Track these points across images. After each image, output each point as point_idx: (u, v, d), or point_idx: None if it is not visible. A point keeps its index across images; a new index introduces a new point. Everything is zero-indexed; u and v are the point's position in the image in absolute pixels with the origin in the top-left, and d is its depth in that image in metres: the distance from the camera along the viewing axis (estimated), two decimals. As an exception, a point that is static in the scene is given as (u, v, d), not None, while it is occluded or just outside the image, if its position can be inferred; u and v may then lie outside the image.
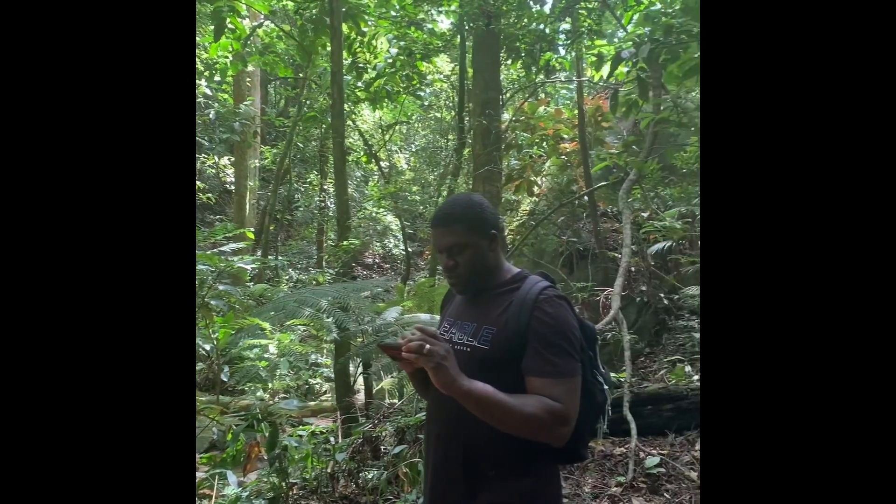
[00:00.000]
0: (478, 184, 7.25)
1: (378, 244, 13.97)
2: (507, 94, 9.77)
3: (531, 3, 6.88)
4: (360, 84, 7.80)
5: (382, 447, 4.23)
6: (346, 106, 7.78)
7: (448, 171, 9.09)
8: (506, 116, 9.52)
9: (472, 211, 1.80)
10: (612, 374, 5.22)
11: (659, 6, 3.78)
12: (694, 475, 3.88)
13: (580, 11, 6.57)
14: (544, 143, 8.96)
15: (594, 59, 7.63)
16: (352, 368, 6.13)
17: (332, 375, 6.99)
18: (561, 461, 1.93)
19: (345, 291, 5.17)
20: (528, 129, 8.95)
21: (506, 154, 8.99)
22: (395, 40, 8.05)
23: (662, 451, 4.20)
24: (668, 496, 3.75)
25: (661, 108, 6.23)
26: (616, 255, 8.20)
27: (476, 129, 7.33)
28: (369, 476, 3.76)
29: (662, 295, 7.59)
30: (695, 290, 7.12)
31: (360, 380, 6.23)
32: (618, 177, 7.40)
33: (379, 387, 6.63)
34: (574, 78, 8.64)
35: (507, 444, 1.65)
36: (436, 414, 1.87)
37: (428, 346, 1.51)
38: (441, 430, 1.82)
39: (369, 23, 8.15)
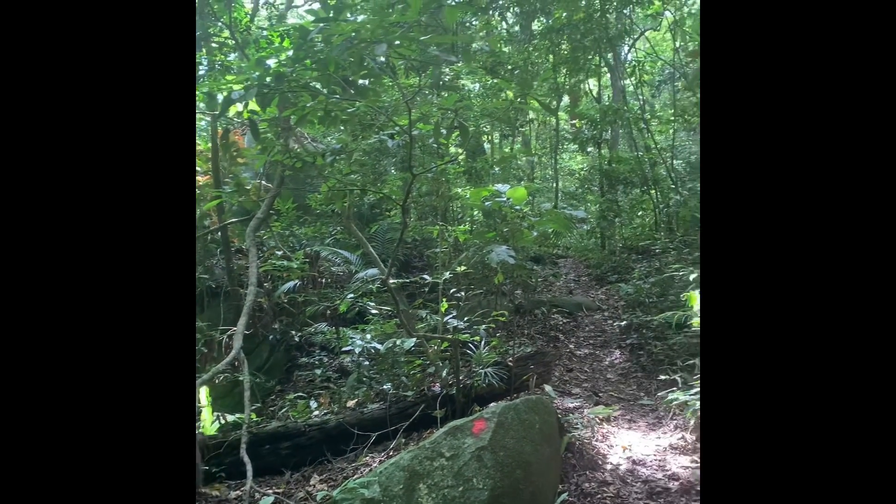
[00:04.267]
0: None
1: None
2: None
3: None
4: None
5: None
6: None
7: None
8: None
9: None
10: (236, 415, 5.10)
11: (284, 53, 3.91)
12: (307, 510, 3.96)
13: (213, 45, 6.45)
14: (176, 175, 8.52)
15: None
16: None
17: None
18: None
19: None
20: (158, 159, 8.43)
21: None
22: None
23: (278, 490, 4.21)
24: (280, 535, 3.76)
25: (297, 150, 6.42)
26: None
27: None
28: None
29: (294, 332, 7.73)
30: (323, 326, 7.40)
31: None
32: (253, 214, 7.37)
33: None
34: (207, 111, 8.42)
35: None
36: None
37: None
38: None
39: None
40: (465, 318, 5.64)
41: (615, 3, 11.45)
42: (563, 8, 10.81)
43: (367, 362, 5.77)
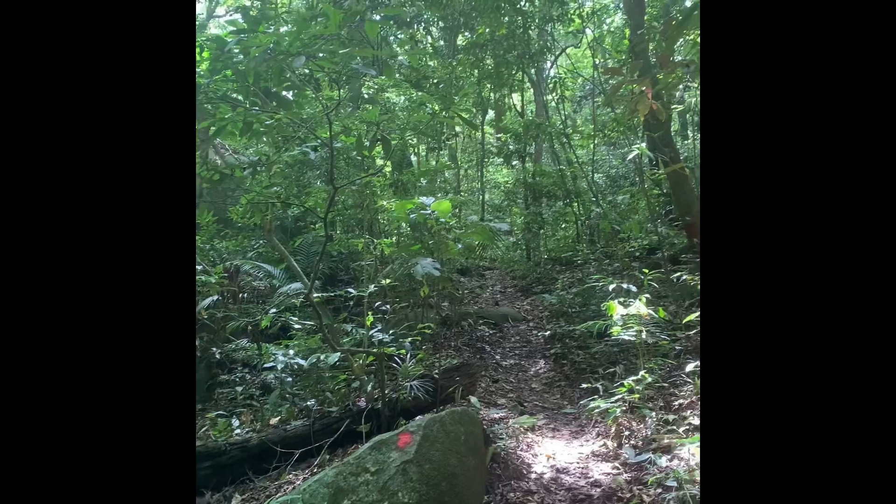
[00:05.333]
0: None
1: None
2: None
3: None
4: None
5: None
6: None
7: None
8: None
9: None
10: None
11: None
12: (227, 533, 3.84)
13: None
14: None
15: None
16: None
17: None
18: None
19: None
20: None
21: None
22: None
23: (197, 513, 4.06)
24: (199, 560, 3.63)
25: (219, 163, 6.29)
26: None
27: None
28: None
29: (214, 349, 7.51)
30: (244, 342, 7.22)
31: None
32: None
33: None
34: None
35: None
36: None
37: None
38: None
39: None
40: (392, 332, 5.63)
41: (536, 20, 11.75)
42: (486, 24, 11.00)
43: (290, 378, 5.66)
